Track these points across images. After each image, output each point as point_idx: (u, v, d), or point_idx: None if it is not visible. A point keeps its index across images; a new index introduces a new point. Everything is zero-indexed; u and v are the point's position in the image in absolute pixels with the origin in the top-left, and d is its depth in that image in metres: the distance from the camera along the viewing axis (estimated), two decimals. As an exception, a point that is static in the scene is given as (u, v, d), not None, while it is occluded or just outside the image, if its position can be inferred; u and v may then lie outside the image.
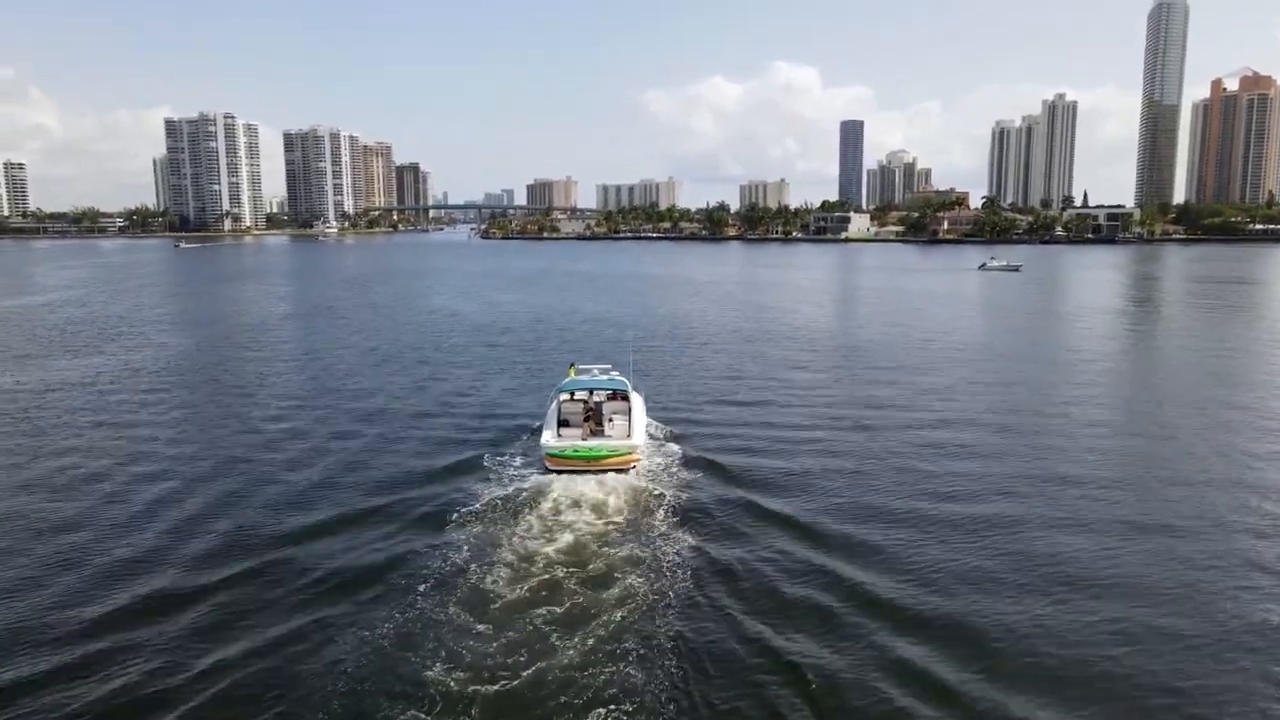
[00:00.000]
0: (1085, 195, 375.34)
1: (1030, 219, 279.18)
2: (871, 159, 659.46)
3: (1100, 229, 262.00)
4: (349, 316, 73.31)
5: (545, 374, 41.90)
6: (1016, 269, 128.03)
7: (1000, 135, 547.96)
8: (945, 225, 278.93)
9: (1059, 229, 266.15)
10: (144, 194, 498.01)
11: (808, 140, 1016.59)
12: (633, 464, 25.94)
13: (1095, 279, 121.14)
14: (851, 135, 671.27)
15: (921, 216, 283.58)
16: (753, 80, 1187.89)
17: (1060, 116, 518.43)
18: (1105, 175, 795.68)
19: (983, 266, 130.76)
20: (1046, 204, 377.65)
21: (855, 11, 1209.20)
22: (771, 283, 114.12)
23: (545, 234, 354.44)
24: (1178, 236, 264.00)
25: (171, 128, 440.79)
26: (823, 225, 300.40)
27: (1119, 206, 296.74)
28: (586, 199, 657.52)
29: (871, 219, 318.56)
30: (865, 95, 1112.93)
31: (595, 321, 68.38)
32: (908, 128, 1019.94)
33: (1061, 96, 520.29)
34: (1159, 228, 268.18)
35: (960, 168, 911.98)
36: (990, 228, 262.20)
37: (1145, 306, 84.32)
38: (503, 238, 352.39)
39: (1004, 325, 67.98)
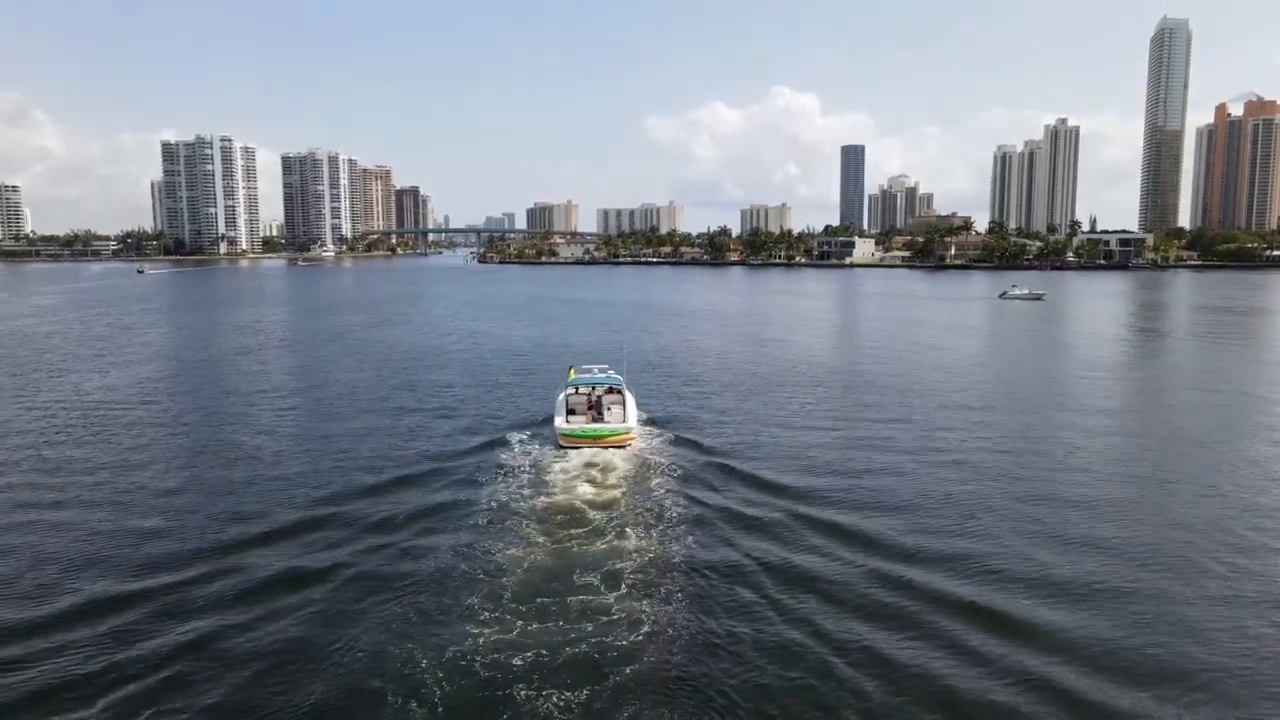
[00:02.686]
0: (1094, 221, 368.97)
1: (1040, 244, 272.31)
2: (871, 183, 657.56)
3: (1112, 255, 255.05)
4: (281, 355, 65.72)
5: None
6: (1039, 298, 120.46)
7: (1002, 160, 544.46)
8: (953, 250, 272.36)
9: (1070, 255, 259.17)
10: (146, 217, 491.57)
11: (808, 165, 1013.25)
12: (629, 442, 31.19)
13: (1124, 311, 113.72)
14: (853, 160, 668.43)
15: (928, 241, 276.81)
16: (753, 105, 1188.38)
17: (1063, 141, 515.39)
18: (1104, 200, 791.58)
19: (1003, 295, 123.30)
20: (1053, 229, 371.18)
21: (853, 39, 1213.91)
22: (779, 312, 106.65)
23: (543, 258, 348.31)
24: (1192, 263, 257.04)
25: (169, 150, 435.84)
26: (827, 250, 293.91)
27: (1124, 232, 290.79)
28: (587, 223, 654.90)
29: (876, 244, 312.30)
30: (864, 121, 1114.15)
31: (579, 356, 60.59)
32: (906, 153, 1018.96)
33: (1064, 121, 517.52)
34: (1173, 254, 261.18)
35: (960, 193, 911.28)
36: (999, 253, 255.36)
37: (1196, 343, 76.44)
38: (500, 262, 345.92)
39: (1049, 370, 59.96)
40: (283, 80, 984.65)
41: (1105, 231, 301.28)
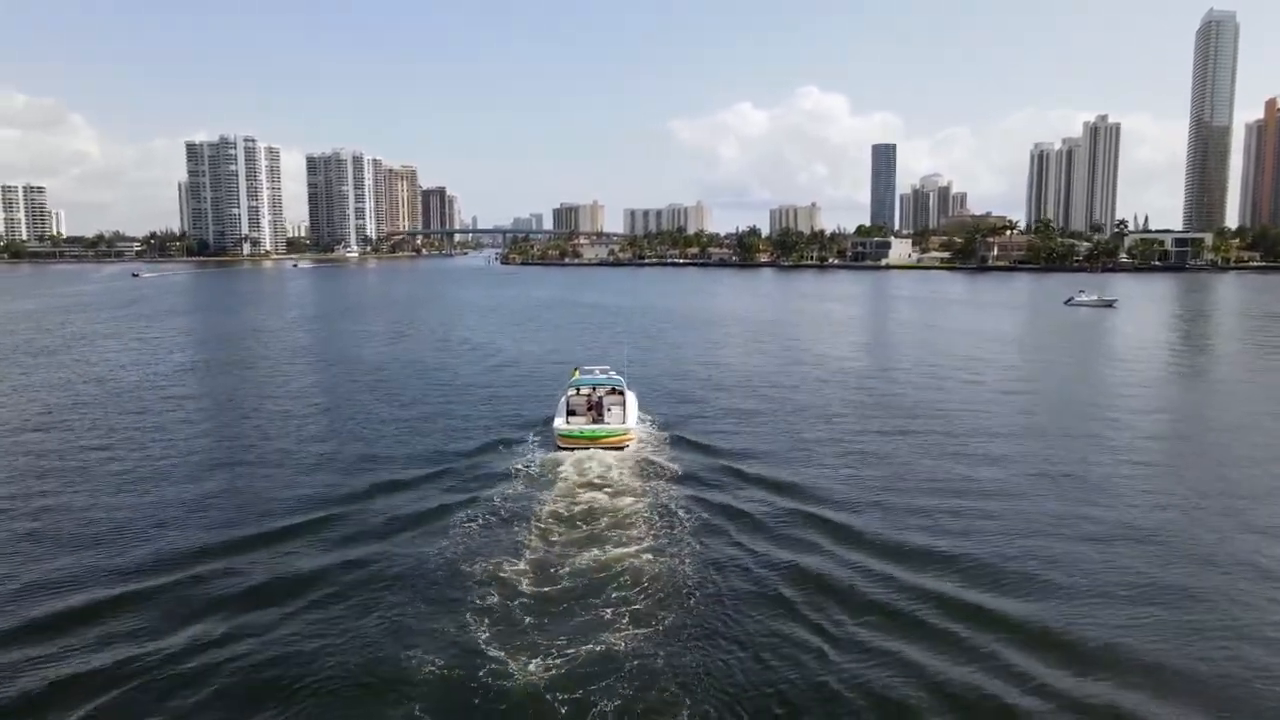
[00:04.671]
0: (1146, 220, 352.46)
1: (1090, 245, 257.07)
2: (901, 184, 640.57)
3: (1168, 255, 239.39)
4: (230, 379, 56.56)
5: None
6: (1110, 304, 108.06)
7: (1039, 158, 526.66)
8: (995, 251, 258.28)
9: (1123, 255, 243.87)
10: (175, 219, 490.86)
11: (836, 166, 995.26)
12: (628, 442, 31.62)
13: (1218, 321, 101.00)
14: (884, 159, 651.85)
15: (969, 242, 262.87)
16: (779, 106, 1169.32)
17: (1103, 139, 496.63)
18: (1138, 202, 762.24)
19: (1069, 301, 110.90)
20: (1097, 228, 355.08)
21: (881, 38, 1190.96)
22: (809, 319, 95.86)
23: (566, 259, 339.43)
24: (1255, 264, 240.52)
25: (193, 151, 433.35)
26: (861, 251, 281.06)
27: (1175, 231, 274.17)
28: (614, 223, 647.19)
29: (912, 244, 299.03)
30: (892, 121, 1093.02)
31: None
32: (934, 154, 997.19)
33: (1104, 118, 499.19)
34: (1233, 254, 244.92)
35: (988, 193, 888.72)
36: (1046, 254, 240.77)
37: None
38: (522, 263, 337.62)
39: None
40: (312, 82, 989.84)
41: (1158, 231, 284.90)
